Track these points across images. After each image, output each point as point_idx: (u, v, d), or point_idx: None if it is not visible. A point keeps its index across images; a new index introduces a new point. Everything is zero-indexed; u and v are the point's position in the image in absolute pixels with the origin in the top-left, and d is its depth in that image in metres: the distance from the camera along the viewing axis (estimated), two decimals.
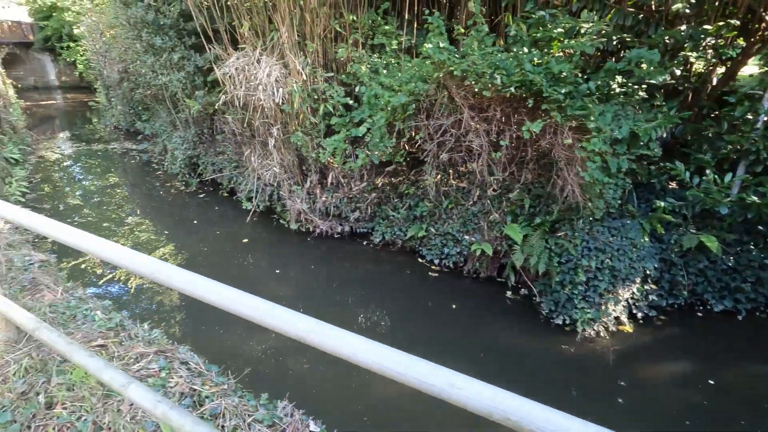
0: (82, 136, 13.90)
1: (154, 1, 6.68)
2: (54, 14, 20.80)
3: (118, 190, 9.01)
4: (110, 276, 5.44)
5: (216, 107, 7.20)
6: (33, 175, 9.36)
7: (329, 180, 6.45)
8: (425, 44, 4.86)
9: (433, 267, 5.81)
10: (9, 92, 15.22)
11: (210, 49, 6.44)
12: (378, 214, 6.44)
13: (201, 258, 6.16)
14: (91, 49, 13.78)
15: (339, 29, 5.44)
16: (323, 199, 6.44)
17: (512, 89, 4.02)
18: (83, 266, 5.60)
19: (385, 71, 5.24)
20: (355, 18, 5.60)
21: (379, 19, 5.66)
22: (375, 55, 5.65)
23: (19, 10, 37.13)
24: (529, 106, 4.04)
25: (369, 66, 5.48)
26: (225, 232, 6.91)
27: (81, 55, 19.15)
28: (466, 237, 5.54)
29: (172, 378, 1.77)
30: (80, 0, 14.25)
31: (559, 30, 4.34)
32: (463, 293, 5.39)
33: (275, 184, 6.57)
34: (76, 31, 14.88)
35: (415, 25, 5.80)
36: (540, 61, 4.21)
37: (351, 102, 5.61)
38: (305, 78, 5.40)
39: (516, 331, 4.73)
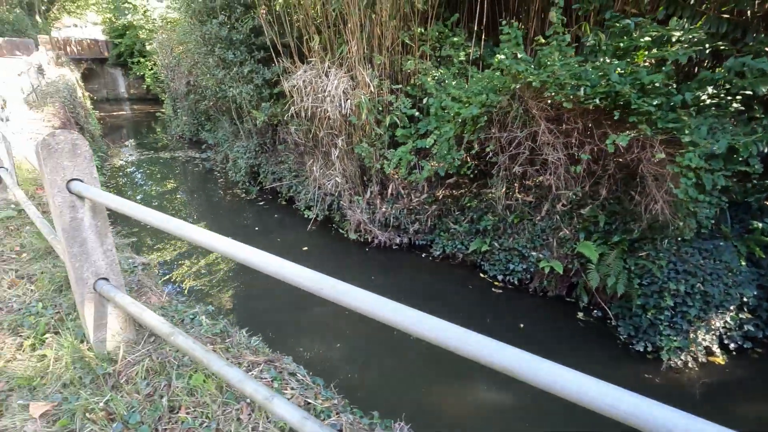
0: (148, 144, 14.87)
1: (227, 19, 7.03)
2: (127, 32, 22.53)
3: (182, 196, 9.50)
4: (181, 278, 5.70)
5: (280, 118, 7.44)
6: (108, 181, 10.07)
7: (389, 191, 6.45)
8: (497, 55, 4.78)
9: (496, 283, 5.63)
10: (87, 104, 16.58)
11: (278, 62, 6.68)
12: (438, 227, 6.35)
13: None
14: (161, 64, 14.77)
15: (408, 42, 5.46)
16: (383, 210, 6.44)
17: (596, 101, 3.84)
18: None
19: (453, 83, 5.18)
20: (423, 30, 5.62)
21: (447, 31, 5.64)
22: (442, 68, 5.63)
23: (94, 29, 40.62)
24: (615, 118, 3.83)
25: (436, 77, 5.46)
26: (285, 239, 7.07)
27: (149, 69, 20.61)
28: (534, 253, 5.32)
29: (286, 390, 1.76)
30: (152, 19, 15.32)
31: (646, 39, 4.11)
32: (531, 312, 5.16)
33: (336, 194, 6.66)
34: (148, 47, 15.98)
35: (483, 37, 5.72)
36: (623, 71, 4.01)
37: (417, 113, 5.60)
38: (372, 90, 5.45)
39: (592, 355, 4.45)
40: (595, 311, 4.98)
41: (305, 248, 6.71)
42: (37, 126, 6.70)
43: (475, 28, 5.51)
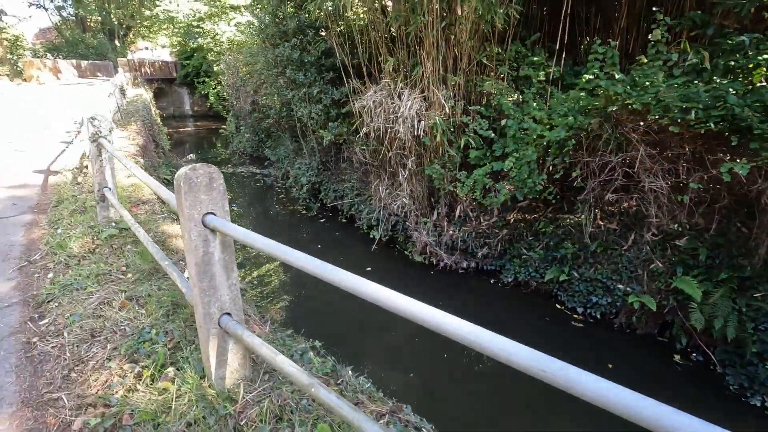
0: (211, 158, 15.63)
1: (299, 42, 7.24)
2: (195, 54, 24.09)
3: (244, 211, 9.80)
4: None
5: (345, 137, 7.51)
6: None
7: (457, 213, 6.27)
8: (584, 75, 4.52)
9: (575, 316, 5.24)
10: (158, 120, 17.75)
11: (348, 83, 6.76)
12: (509, 252, 6.07)
13: None
14: (227, 83, 15.59)
15: (486, 62, 5.33)
16: (450, 232, 6.25)
17: (710, 125, 3.49)
18: None
19: (534, 104, 4.97)
20: (500, 50, 5.47)
21: (525, 50, 5.45)
22: (519, 89, 5.43)
23: (162, 51, 43.91)
24: (733, 144, 3.46)
25: (514, 98, 5.26)
26: (348, 258, 7.04)
27: (213, 89, 21.89)
28: (620, 286, 4.91)
29: None
30: (221, 42, 16.25)
31: (766, 56, 3.72)
32: (617, 351, 4.74)
33: (402, 215, 6.56)
34: (215, 68, 16.91)
35: (564, 56, 5.47)
36: (739, 91, 3.63)
37: (492, 135, 5.41)
38: (447, 111, 5.34)
39: (697, 405, 3.97)
40: (695, 355, 4.48)
41: (369, 268, 6.63)
42: (124, 143, 7.16)
43: (556, 48, 5.28)
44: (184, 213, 1.64)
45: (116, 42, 34.35)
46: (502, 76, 5.53)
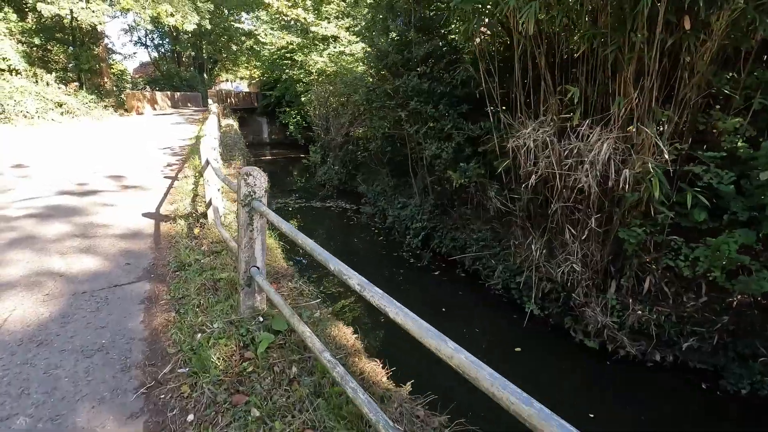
0: (289, 188, 15.20)
1: (429, 70, 6.24)
2: (278, 85, 24.63)
3: (341, 254, 8.83)
4: None
5: (476, 180, 6.29)
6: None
7: (646, 286, 4.74)
8: None
9: None
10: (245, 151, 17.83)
11: (493, 116, 5.59)
12: (731, 349, 4.39)
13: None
14: (314, 114, 15.25)
15: (728, 91, 3.89)
16: (638, 312, 4.71)
17: None
18: None
19: None
20: (735, 75, 4.02)
21: None
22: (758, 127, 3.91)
23: (241, 83, 46.55)
24: None
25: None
26: (486, 331, 5.68)
27: (293, 118, 22.05)
28: None
29: None
30: (309, 73, 16.06)
31: None
32: None
33: (566, 283, 5.13)
34: (302, 99, 16.73)
35: None
36: None
37: (732, 189, 3.90)
38: (667, 157, 3.92)
39: None
40: None
41: (518, 348, 5.22)
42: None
43: None
44: None
45: (204, 75, 36.79)
46: (735, 109, 4.05)
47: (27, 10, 19.07)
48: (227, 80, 49.30)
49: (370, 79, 9.43)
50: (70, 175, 7.58)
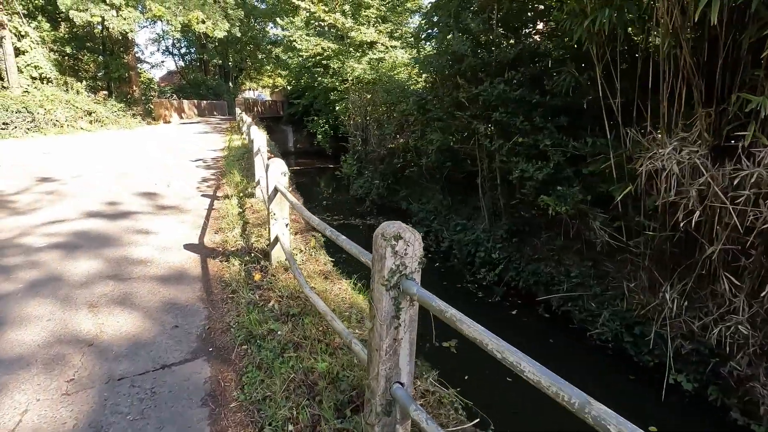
0: (319, 201, 14.32)
1: (520, 75, 5.23)
2: (306, 94, 24.00)
3: None
4: None
5: (575, 210, 5.21)
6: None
7: None
8: None
9: None
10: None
11: (611, 130, 4.54)
12: None
13: None
14: (350, 123, 14.37)
15: None
16: None
17: None
18: None
19: None
20: None
21: None
22: None
23: (263, 91, 46.40)
24: None
25: None
26: (603, 395, 4.54)
27: (321, 127, 21.31)
28: None
29: None
30: (348, 79, 15.25)
31: None
32: None
33: (722, 348, 3.99)
34: (338, 107, 15.92)
35: None
36: None
37: None
38: None
39: None
40: None
41: (652, 428, 4.08)
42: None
43: None
44: None
45: (229, 83, 36.63)
46: None
47: (60, 19, 18.92)
48: (249, 89, 49.32)
49: (420, 86, 8.48)
50: (100, 192, 6.80)
